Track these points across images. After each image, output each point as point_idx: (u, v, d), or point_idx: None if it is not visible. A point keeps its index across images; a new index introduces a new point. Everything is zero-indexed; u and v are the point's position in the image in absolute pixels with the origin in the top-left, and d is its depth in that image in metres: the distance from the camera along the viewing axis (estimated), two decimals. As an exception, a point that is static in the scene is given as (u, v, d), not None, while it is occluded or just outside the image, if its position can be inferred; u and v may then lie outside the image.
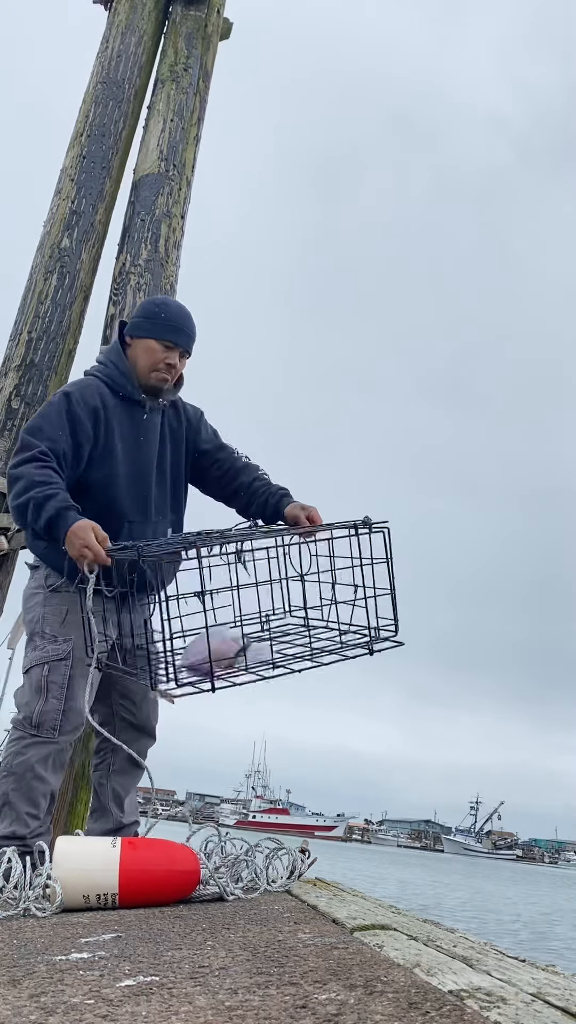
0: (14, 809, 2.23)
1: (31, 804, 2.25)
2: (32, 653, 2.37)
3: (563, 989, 0.93)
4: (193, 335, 2.54)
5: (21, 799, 2.24)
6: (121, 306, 3.98)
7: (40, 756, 2.28)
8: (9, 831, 2.21)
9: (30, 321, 3.99)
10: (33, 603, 2.45)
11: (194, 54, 4.68)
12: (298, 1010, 0.83)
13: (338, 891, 2.04)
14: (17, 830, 2.21)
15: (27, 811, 2.24)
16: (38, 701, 2.30)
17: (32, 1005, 0.89)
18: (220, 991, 0.93)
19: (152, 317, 2.49)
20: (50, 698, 2.30)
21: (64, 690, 2.31)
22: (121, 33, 4.67)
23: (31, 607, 2.45)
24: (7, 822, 2.23)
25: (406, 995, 0.87)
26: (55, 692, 2.30)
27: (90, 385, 2.44)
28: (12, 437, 3.75)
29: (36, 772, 2.27)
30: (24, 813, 2.23)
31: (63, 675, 2.33)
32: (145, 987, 0.96)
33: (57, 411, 2.36)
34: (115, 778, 2.57)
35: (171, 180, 4.30)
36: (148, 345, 2.46)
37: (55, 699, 2.30)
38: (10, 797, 2.23)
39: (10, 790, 2.24)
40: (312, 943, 1.24)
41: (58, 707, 2.30)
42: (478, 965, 1.06)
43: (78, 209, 4.24)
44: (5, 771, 2.27)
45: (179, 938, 1.38)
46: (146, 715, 2.61)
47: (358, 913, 1.58)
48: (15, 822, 2.22)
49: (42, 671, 2.33)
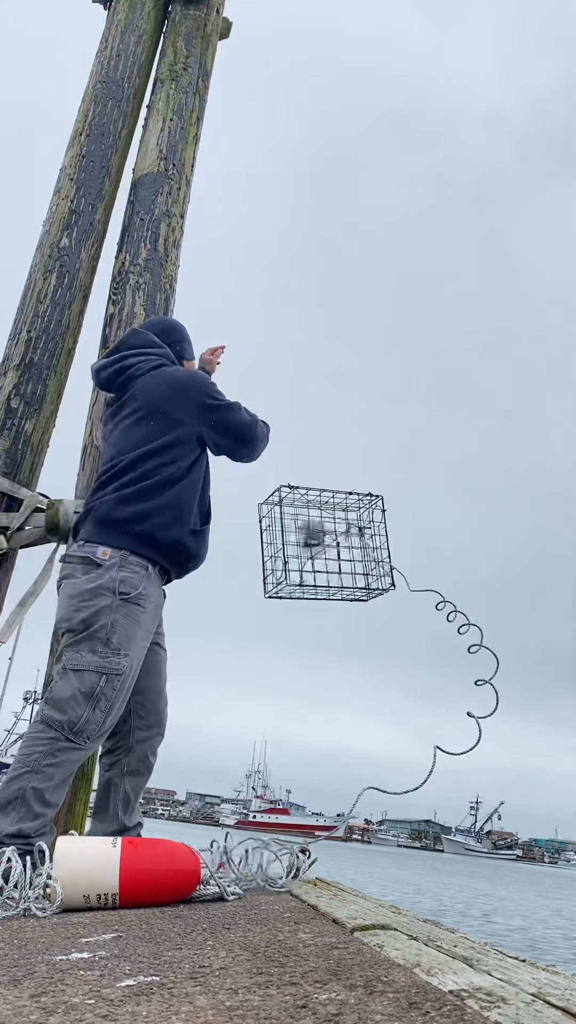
0: (27, 805, 2.21)
1: (45, 805, 2.24)
2: (89, 656, 2.32)
3: (564, 989, 0.93)
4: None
5: (38, 798, 2.22)
6: (120, 305, 3.97)
7: (70, 760, 2.29)
8: (15, 828, 2.19)
9: (29, 320, 3.98)
10: (98, 604, 2.36)
11: (193, 53, 4.67)
12: (298, 1010, 0.83)
13: (338, 891, 2.04)
14: (24, 827, 2.19)
15: (39, 810, 2.23)
16: (85, 708, 2.28)
17: (32, 1005, 0.89)
18: (220, 991, 0.93)
19: (171, 331, 3.07)
20: (97, 709, 2.30)
21: (111, 705, 2.33)
22: (120, 32, 4.67)
23: (90, 605, 2.35)
24: (16, 817, 2.20)
25: (406, 995, 0.87)
26: (103, 705, 2.31)
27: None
28: (11, 436, 3.75)
29: (61, 776, 2.27)
30: (36, 812, 2.22)
31: (115, 690, 2.33)
32: (145, 987, 0.96)
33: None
34: (128, 779, 2.58)
35: (170, 179, 4.30)
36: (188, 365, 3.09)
37: (101, 712, 2.31)
38: (27, 794, 2.21)
39: (30, 787, 2.22)
40: (312, 943, 1.24)
41: (101, 720, 2.32)
42: (478, 965, 1.06)
43: (77, 208, 4.23)
44: (30, 767, 2.24)
45: (179, 938, 1.38)
46: (160, 711, 2.65)
47: (358, 913, 1.58)
48: (24, 819, 2.20)
49: (98, 680, 2.31)
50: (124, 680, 2.36)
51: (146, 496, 2.50)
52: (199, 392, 2.68)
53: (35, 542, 3.64)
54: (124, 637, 2.36)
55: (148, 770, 2.62)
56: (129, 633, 2.37)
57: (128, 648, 2.36)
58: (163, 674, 2.68)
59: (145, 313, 3.95)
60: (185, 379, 2.73)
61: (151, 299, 4.00)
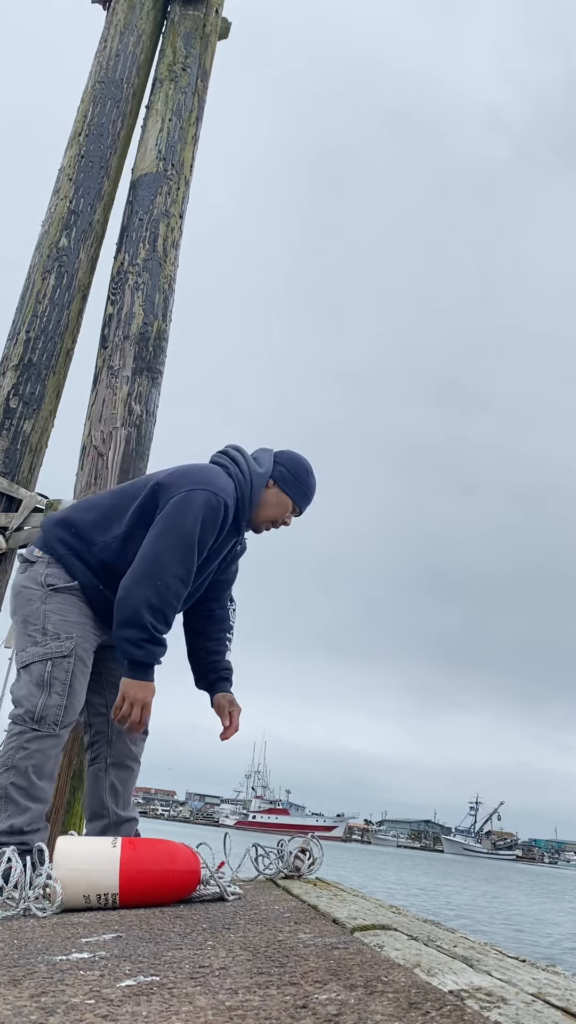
0: (14, 802, 2.23)
1: (30, 799, 2.25)
2: (32, 648, 2.38)
3: (564, 989, 0.93)
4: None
5: (21, 792, 2.24)
6: (119, 305, 3.97)
7: (41, 749, 2.30)
8: (7, 825, 2.21)
9: (28, 320, 3.98)
10: (29, 598, 2.45)
11: (192, 54, 4.67)
12: (298, 1010, 0.83)
13: (338, 891, 2.04)
14: (15, 823, 2.21)
15: (26, 804, 2.24)
16: (40, 696, 2.32)
17: (32, 1005, 0.89)
18: (220, 991, 0.93)
19: (303, 483, 2.68)
20: (52, 693, 2.33)
21: (66, 686, 2.35)
22: (120, 33, 4.67)
23: (26, 602, 2.45)
24: (6, 815, 2.23)
25: (406, 995, 0.86)
26: (57, 688, 2.34)
27: (228, 506, 2.46)
28: (10, 436, 3.75)
29: (37, 766, 2.29)
30: (24, 806, 2.24)
31: (66, 671, 2.36)
32: (145, 987, 0.96)
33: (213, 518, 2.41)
34: (113, 771, 2.59)
35: (169, 179, 4.30)
36: (283, 501, 2.64)
37: (57, 695, 2.33)
38: (9, 791, 2.24)
39: (9, 784, 2.24)
40: (312, 943, 1.24)
41: (60, 702, 2.33)
42: (478, 965, 1.06)
43: (76, 208, 4.23)
44: (5, 765, 2.27)
45: (179, 938, 1.38)
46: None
47: (358, 913, 1.58)
48: (14, 815, 2.23)
49: (45, 667, 2.35)
50: (73, 660, 2.38)
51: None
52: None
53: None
54: (59, 622, 2.40)
55: (133, 760, 2.62)
56: (64, 617, 2.41)
57: (68, 631, 2.40)
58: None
59: (144, 313, 3.95)
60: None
61: (150, 299, 4.00)
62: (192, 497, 2.37)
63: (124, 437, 3.69)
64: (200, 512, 2.36)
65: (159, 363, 3.94)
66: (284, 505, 2.64)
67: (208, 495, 2.38)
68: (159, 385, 3.94)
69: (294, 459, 2.70)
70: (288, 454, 2.72)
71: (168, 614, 2.35)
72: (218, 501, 2.40)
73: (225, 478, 2.50)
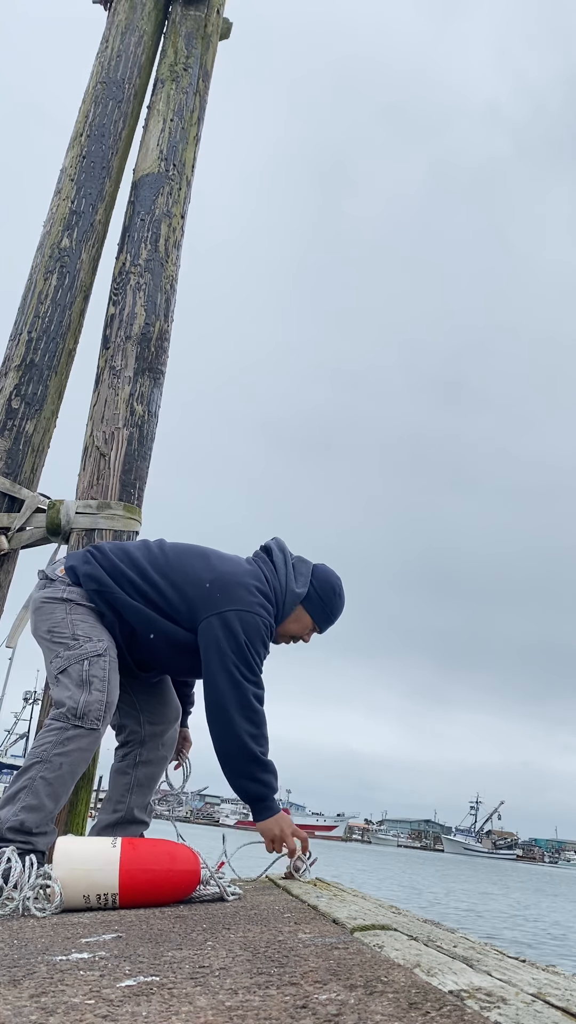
0: (35, 794, 2.21)
1: (52, 796, 2.24)
2: (66, 652, 2.40)
3: (564, 989, 0.93)
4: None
5: (47, 787, 2.23)
6: (121, 306, 3.97)
7: (80, 748, 2.31)
8: (18, 820, 2.17)
9: (30, 321, 3.98)
10: (52, 611, 2.49)
11: (194, 54, 4.67)
12: (298, 1010, 0.83)
13: (338, 891, 2.04)
14: (26, 820, 2.17)
15: (44, 802, 2.22)
16: (82, 693, 2.33)
17: (32, 1005, 0.89)
18: (220, 991, 0.93)
19: (328, 605, 2.67)
20: (93, 691, 2.35)
21: (105, 683, 2.38)
22: (121, 33, 4.66)
23: (49, 615, 2.49)
24: (20, 805, 2.19)
25: (406, 995, 0.87)
26: (97, 685, 2.36)
27: (271, 626, 2.53)
28: (12, 437, 3.75)
29: (72, 765, 2.29)
30: (40, 804, 2.21)
31: (103, 669, 2.39)
32: (145, 987, 0.96)
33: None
34: (141, 768, 2.67)
35: (171, 180, 4.30)
36: (305, 621, 2.65)
37: (98, 691, 2.36)
38: (36, 783, 2.22)
39: (39, 776, 2.23)
40: (312, 943, 1.24)
41: (101, 699, 2.36)
42: (478, 965, 1.06)
43: (78, 209, 4.23)
44: (39, 758, 2.26)
45: (179, 938, 1.38)
46: (168, 703, 2.75)
47: (358, 913, 1.58)
48: (28, 808, 2.19)
49: (82, 667, 2.38)
50: (108, 659, 2.42)
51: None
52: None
53: (36, 543, 3.64)
54: (87, 628, 2.45)
55: (162, 760, 2.72)
56: (90, 624, 2.47)
57: (96, 634, 2.45)
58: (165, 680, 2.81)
59: (145, 314, 3.95)
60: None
61: (152, 300, 4.00)
62: (241, 621, 2.41)
63: (126, 437, 3.69)
64: (255, 637, 2.42)
65: (161, 363, 3.95)
66: (305, 624, 2.66)
67: (255, 618, 2.43)
68: (161, 385, 3.94)
69: (327, 580, 2.69)
70: (323, 573, 2.71)
71: (262, 728, 2.38)
72: (267, 623, 2.47)
73: (262, 599, 2.49)
